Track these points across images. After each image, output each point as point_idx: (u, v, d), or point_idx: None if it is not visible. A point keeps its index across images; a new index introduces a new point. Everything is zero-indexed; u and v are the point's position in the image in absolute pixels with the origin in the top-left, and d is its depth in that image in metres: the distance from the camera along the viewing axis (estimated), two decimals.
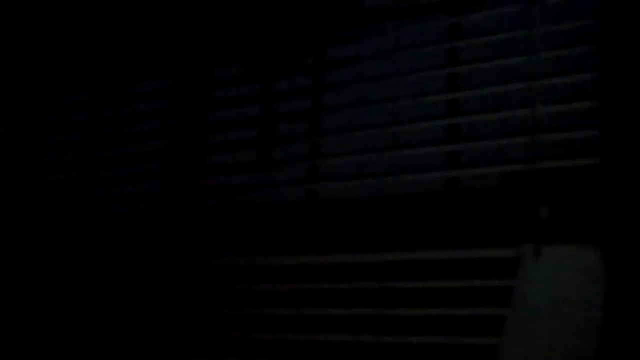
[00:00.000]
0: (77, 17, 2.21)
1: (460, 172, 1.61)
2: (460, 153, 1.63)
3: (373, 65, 1.78)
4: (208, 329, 1.83)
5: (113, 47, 2.16)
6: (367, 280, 1.63)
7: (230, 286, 1.83)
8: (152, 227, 1.98)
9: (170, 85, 2.09)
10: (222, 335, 1.79)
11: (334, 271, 1.71)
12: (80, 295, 2.03)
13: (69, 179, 2.20)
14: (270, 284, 1.78)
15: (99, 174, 2.17)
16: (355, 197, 1.71)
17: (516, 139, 1.53)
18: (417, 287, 1.57)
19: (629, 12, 1.45)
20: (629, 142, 1.39)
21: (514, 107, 1.55)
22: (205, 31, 2.01)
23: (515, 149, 1.56)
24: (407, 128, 1.67)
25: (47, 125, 2.29)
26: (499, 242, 1.49)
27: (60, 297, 2.04)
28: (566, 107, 1.50)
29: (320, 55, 1.86)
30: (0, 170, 2.27)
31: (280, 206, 1.80)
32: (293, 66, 1.88)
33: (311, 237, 1.76)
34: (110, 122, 2.16)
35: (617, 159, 1.40)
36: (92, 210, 2.13)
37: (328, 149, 1.81)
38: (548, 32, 1.56)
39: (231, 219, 1.86)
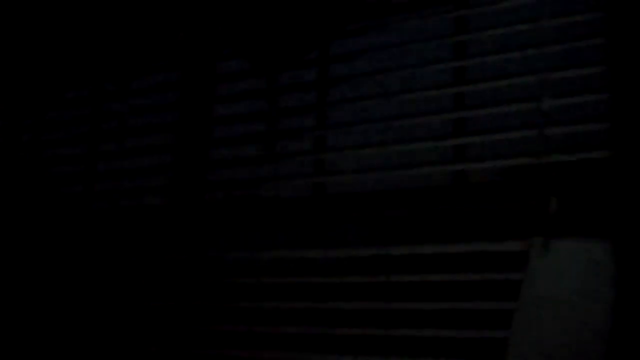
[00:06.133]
0: (79, 11, 2.19)
1: (467, 165, 1.60)
2: (467, 147, 1.63)
3: (378, 59, 1.77)
4: (213, 321, 1.82)
5: (116, 41, 2.15)
6: (374, 274, 1.62)
7: (235, 280, 1.82)
8: (156, 221, 1.97)
9: (174, 79, 2.08)
10: (228, 329, 1.79)
11: (341, 265, 1.70)
12: (85, 289, 2.02)
13: (71, 173, 2.19)
14: (276, 278, 1.77)
15: (102, 168, 2.16)
16: (362, 190, 1.71)
17: (524, 132, 1.53)
18: (425, 281, 1.57)
19: (635, 6, 1.45)
20: (638, 134, 1.39)
21: (521, 100, 1.55)
22: (208, 25, 2.00)
23: (523, 143, 1.55)
24: (414, 122, 1.67)
25: (50, 119, 2.28)
26: (507, 235, 1.49)
27: (63, 292, 2.03)
28: (574, 100, 1.50)
29: (324, 49, 1.86)
30: (1, 165, 2.26)
31: (285, 200, 1.79)
32: (298, 60, 1.88)
33: (317, 230, 1.75)
34: (114, 116, 2.15)
35: (626, 152, 1.40)
36: (95, 204, 2.12)
37: (333, 143, 1.80)
38: (555, 25, 1.56)
39: (235, 213, 1.85)
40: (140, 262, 1.98)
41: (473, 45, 1.67)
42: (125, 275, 2.00)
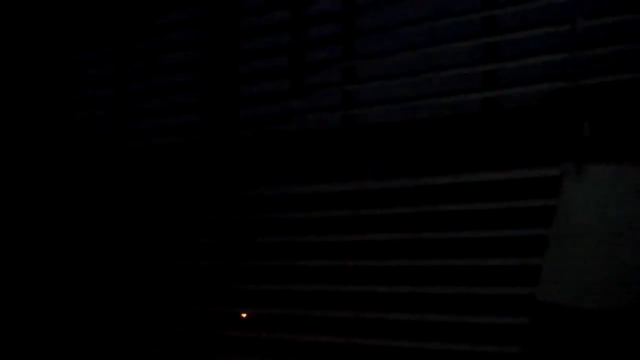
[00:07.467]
0: None
1: (498, 92, 1.57)
2: (498, 72, 1.59)
3: None
4: (246, 256, 1.84)
5: None
6: (406, 205, 1.62)
7: (268, 214, 1.83)
8: (189, 158, 1.98)
9: (199, 15, 2.05)
10: (261, 263, 1.81)
11: (373, 196, 1.70)
12: (120, 227, 2.05)
13: (102, 114, 2.20)
14: (309, 212, 1.78)
15: (133, 108, 2.16)
16: (392, 121, 1.69)
17: (556, 55, 1.49)
18: (458, 210, 1.56)
19: None
20: None
21: (554, 22, 1.50)
22: None
23: (555, 66, 1.51)
24: (444, 48, 1.63)
25: (78, 61, 2.27)
26: (540, 162, 1.47)
27: (101, 228, 2.07)
28: (608, 20, 1.45)
29: None
30: (32, 107, 2.27)
31: (316, 133, 1.78)
32: None
33: (349, 163, 1.74)
34: (142, 55, 2.14)
35: None
36: (127, 143, 2.13)
37: (362, 74, 1.77)
38: None
39: (267, 148, 1.85)
40: (174, 198, 2.00)
41: None
42: (160, 212, 2.02)
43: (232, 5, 1.98)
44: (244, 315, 1.80)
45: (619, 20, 1.44)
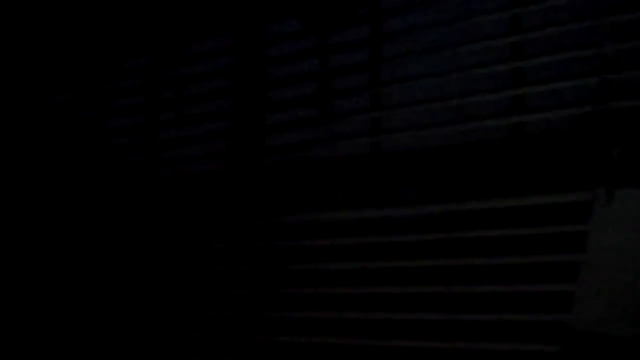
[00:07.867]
0: None
1: (526, 116, 1.57)
2: (526, 98, 1.59)
3: (432, 11, 1.73)
4: (275, 284, 1.84)
5: (169, 8, 2.15)
6: (435, 232, 1.61)
7: (296, 242, 1.84)
8: (216, 186, 1.99)
9: (227, 44, 2.08)
10: (293, 292, 1.81)
11: (401, 223, 1.69)
12: (149, 254, 2.06)
13: (132, 143, 2.22)
14: (337, 239, 1.78)
15: (162, 137, 2.18)
16: (419, 147, 1.69)
17: (584, 79, 1.49)
18: (488, 236, 1.55)
19: None
20: None
21: (581, 46, 1.50)
22: None
23: (584, 91, 1.51)
24: (470, 74, 1.63)
25: (109, 90, 2.31)
26: (570, 187, 1.46)
27: (130, 255, 2.08)
28: (636, 43, 1.44)
29: (376, 4, 1.82)
30: (65, 136, 2.31)
31: (343, 160, 1.79)
32: (349, 17, 1.85)
33: (376, 189, 1.74)
34: (171, 84, 2.17)
35: None
36: (156, 172, 2.15)
37: (389, 101, 1.78)
38: None
39: (293, 175, 1.86)
40: (202, 226, 2.01)
41: None
42: (188, 239, 2.03)
43: (260, 34, 2.00)
44: None
45: None
